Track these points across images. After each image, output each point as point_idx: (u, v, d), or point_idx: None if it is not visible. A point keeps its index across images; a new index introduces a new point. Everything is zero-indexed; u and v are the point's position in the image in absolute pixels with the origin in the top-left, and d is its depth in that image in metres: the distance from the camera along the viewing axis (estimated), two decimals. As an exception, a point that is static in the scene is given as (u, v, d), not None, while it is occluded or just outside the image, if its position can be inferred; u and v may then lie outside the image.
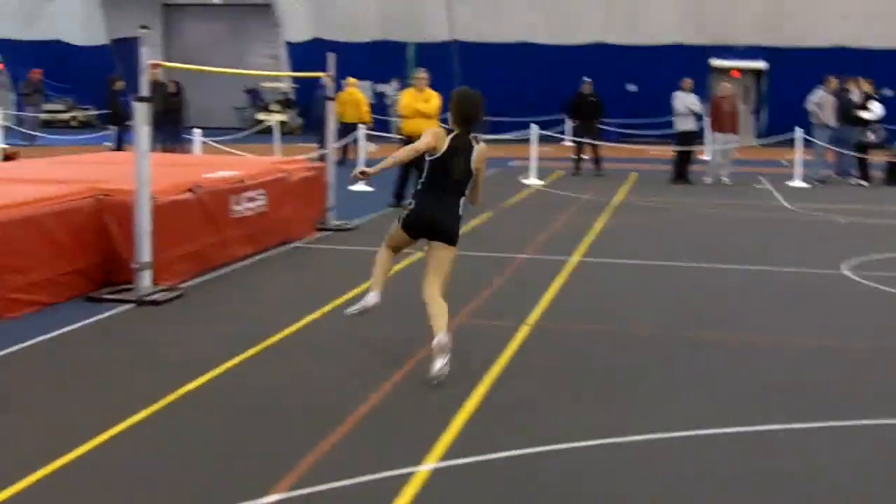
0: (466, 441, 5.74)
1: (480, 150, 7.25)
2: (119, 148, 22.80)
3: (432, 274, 7.23)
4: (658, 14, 34.42)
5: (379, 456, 5.46)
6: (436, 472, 5.25)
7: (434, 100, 16.39)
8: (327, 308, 8.93)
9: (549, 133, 25.56)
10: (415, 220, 7.27)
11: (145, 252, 9.27)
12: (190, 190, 10.40)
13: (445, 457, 5.47)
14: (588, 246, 12.73)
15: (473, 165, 7.22)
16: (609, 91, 26.99)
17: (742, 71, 34.62)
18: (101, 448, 5.50)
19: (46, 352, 7.54)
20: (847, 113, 21.83)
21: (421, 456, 5.43)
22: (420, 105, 16.23)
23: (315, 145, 23.05)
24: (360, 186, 18.24)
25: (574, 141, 24.08)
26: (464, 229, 13.08)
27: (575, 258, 11.78)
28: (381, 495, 4.92)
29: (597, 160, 23.06)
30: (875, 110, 21.92)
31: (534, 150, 21.51)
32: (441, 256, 7.25)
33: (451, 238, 7.25)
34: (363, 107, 23.72)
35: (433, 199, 7.24)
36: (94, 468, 5.24)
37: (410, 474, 5.18)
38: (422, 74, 16.65)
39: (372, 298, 7.38)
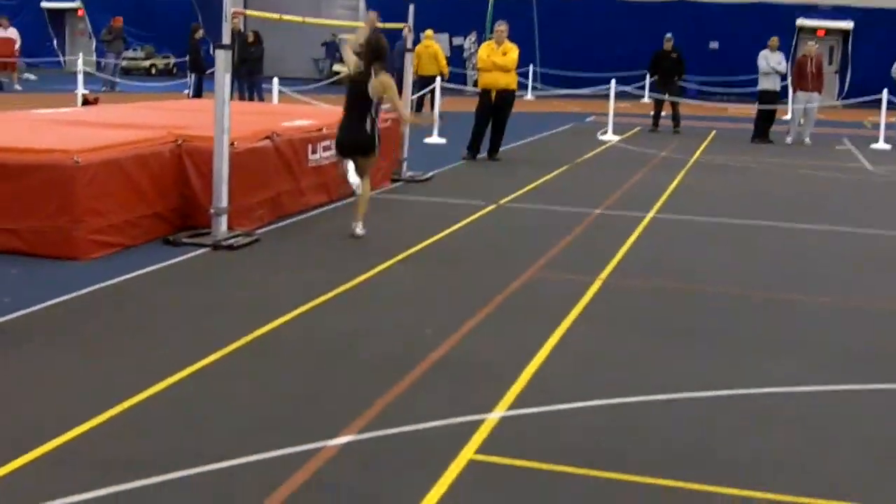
0: (536, 390, 5.74)
1: (375, 81, 9.45)
2: (198, 96, 23.03)
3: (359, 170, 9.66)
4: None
5: (449, 402, 5.49)
6: (505, 420, 5.26)
7: (512, 52, 16.24)
8: (400, 256, 8.96)
9: (627, 89, 25.28)
10: (338, 143, 9.78)
11: (223, 197, 9.37)
12: (268, 138, 10.47)
13: (515, 405, 5.48)
14: (663, 203, 12.60)
15: (370, 93, 9.44)
16: (691, 48, 26.59)
17: (828, 31, 33.87)
18: (174, 388, 5.58)
19: (123, 292, 7.66)
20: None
21: (491, 404, 5.45)
22: (497, 58, 16.11)
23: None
24: (434, 139, 18.30)
25: (653, 97, 23.80)
26: (536, 183, 13.00)
27: (650, 214, 11.68)
28: (450, 440, 4.93)
29: (675, 117, 22.77)
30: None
31: (611, 105, 21.29)
32: (363, 164, 9.71)
33: (365, 152, 9.65)
34: (441, 59, 23.61)
35: (344, 122, 9.72)
36: (166, 408, 5.32)
37: (480, 421, 5.19)
38: (501, 27, 16.51)
39: (353, 178, 9.63)
